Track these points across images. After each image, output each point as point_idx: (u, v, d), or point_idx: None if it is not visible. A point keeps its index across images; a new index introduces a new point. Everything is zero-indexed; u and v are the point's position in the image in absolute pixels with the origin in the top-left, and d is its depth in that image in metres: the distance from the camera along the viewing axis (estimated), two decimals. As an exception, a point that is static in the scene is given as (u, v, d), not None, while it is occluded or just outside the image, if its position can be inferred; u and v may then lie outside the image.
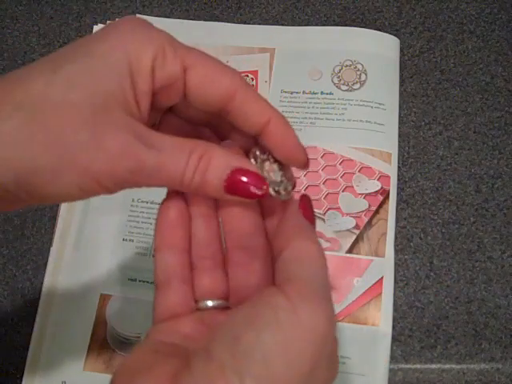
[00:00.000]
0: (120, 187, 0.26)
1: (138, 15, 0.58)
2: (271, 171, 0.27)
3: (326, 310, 0.22)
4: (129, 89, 0.25)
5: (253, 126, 0.27)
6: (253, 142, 0.28)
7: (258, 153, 0.27)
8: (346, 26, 0.56)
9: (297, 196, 0.29)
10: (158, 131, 0.26)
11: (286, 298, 0.22)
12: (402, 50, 0.55)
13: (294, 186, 0.28)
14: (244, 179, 0.25)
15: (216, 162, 0.25)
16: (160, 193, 0.52)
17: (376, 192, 0.49)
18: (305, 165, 0.28)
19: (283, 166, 0.28)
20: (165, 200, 0.29)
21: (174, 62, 0.26)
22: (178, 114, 0.29)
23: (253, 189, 0.26)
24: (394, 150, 0.51)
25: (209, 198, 0.27)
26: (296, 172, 0.29)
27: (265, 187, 0.26)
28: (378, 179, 0.50)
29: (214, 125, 0.29)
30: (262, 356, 0.21)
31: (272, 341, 0.21)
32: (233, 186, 0.25)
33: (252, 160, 0.27)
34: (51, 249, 0.50)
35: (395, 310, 0.46)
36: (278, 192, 0.27)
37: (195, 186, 0.26)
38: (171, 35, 0.27)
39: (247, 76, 0.55)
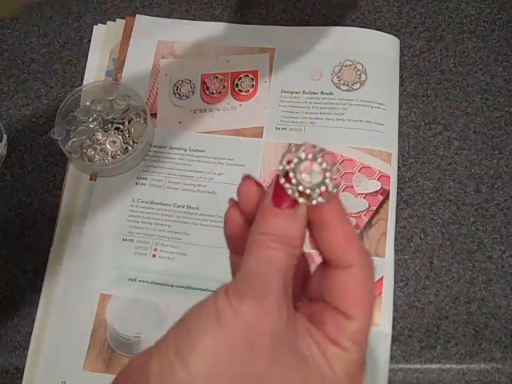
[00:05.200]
0: None
1: (137, 15, 0.58)
2: (306, 172, 0.24)
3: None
4: None
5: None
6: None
7: (295, 152, 0.24)
8: (346, 26, 0.56)
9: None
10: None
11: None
12: (402, 50, 0.55)
13: (336, 188, 0.24)
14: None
15: None
16: (160, 193, 0.52)
17: (376, 192, 0.49)
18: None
19: (327, 166, 0.24)
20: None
21: None
22: None
23: None
24: (393, 150, 0.51)
25: None
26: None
27: None
28: (377, 179, 0.50)
29: None
30: (197, 333, 0.23)
31: (208, 325, 0.23)
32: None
33: (284, 161, 0.24)
34: (51, 249, 0.50)
35: (395, 310, 0.46)
36: (308, 196, 0.24)
37: None
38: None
39: (247, 76, 0.55)
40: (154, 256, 0.49)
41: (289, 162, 0.24)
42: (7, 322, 0.48)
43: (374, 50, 0.55)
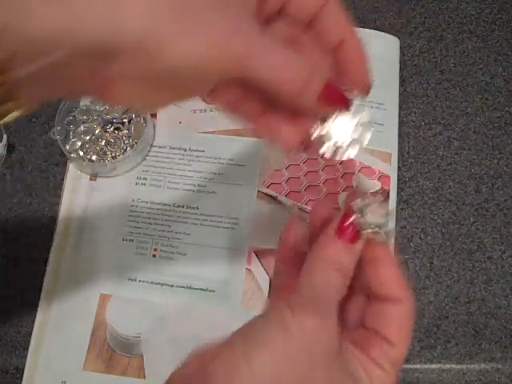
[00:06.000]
0: (226, 70, 0.26)
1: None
2: (372, 213, 0.28)
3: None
4: None
5: (333, 39, 0.29)
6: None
7: (358, 201, 0.28)
8: (345, 26, 0.56)
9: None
10: None
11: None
12: (402, 49, 0.55)
13: (393, 230, 0.29)
14: (336, 90, 0.28)
15: (319, 72, 0.27)
16: (160, 193, 0.52)
17: (376, 192, 0.49)
18: (367, 90, 0.30)
19: (388, 211, 0.29)
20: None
21: None
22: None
23: (341, 99, 0.28)
24: (393, 150, 0.51)
25: (299, 107, 0.28)
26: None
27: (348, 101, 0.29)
28: (378, 179, 0.50)
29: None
30: (265, 341, 0.26)
31: (274, 333, 0.26)
32: (327, 94, 0.28)
33: (354, 203, 0.28)
34: (51, 249, 0.50)
35: (395, 310, 0.46)
36: (377, 233, 0.28)
37: (297, 87, 0.27)
38: None
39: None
40: (153, 256, 0.49)
41: (354, 202, 0.28)
42: (7, 322, 0.48)
43: (374, 50, 0.55)
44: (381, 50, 0.55)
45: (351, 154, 0.29)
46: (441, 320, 0.46)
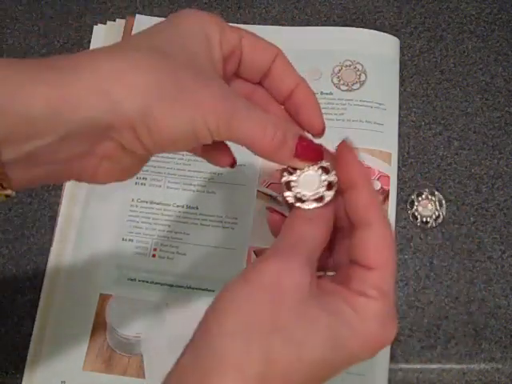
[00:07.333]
0: (218, 132, 0.28)
1: (137, 15, 0.58)
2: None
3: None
4: (210, 53, 0.30)
5: (286, 88, 0.33)
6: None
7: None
8: (346, 26, 0.56)
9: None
10: None
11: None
12: (402, 49, 0.55)
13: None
14: (309, 145, 0.31)
15: (291, 131, 0.30)
16: (160, 192, 0.52)
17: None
18: (322, 132, 0.33)
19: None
20: None
21: (233, 34, 0.31)
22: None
23: (315, 153, 0.31)
24: (393, 150, 0.51)
25: (277, 161, 0.31)
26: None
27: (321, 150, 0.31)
28: (377, 179, 0.50)
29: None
30: (228, 295, 0.27)
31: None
32: (302, 149, 0.30)
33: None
34: (51, 249, 0.50)
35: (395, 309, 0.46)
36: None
37: (276, 143, 0.29)
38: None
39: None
40: (153, 256, 0.49)
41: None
42: (7, 322, 0.48)
43: (374, 50, 0.55)
44: (381, 50, 0.55)
45: (308, 207, 0.30)
46: (441, 320, 0.46)
